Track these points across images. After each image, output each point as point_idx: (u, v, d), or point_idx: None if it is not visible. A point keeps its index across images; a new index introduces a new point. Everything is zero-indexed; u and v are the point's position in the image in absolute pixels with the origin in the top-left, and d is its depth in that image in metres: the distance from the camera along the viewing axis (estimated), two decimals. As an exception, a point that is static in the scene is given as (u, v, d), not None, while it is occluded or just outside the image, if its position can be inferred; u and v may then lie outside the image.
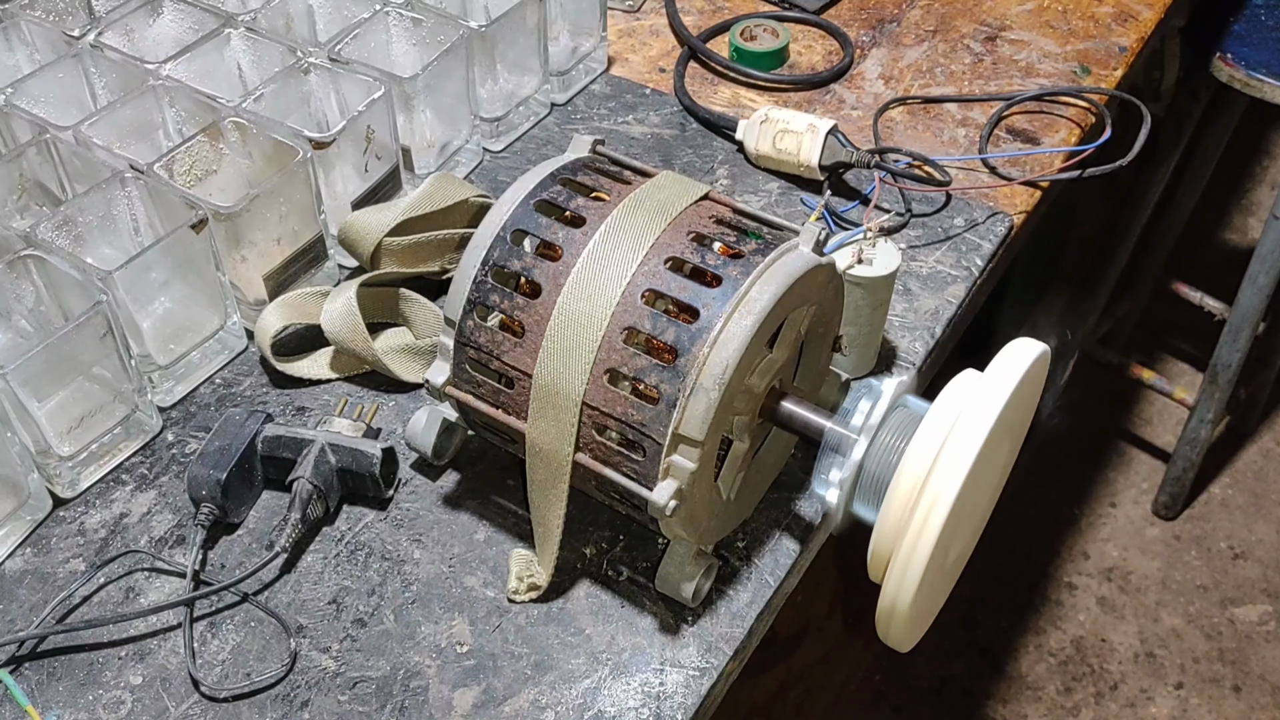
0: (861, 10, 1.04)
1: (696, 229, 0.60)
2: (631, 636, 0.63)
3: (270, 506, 0.69)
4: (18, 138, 0.77)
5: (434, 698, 0.61)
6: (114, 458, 0.71)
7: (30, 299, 0.70)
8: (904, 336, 0.77)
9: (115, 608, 0.64)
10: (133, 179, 0.72)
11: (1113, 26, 1.02)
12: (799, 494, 0.69)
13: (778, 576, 0.65)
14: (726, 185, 0.88)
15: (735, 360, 0.55)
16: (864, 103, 0.95)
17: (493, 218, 0.61)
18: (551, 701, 0.61)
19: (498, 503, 0.69)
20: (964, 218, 0.85)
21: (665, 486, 0.57)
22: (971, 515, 0.62)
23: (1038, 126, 0.93)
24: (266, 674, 0.61)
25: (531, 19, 0.86)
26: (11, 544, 0.67)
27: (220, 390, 0.75)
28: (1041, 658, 1.63)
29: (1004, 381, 0.55)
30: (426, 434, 0.68)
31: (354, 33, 0.81)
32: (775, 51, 0.97)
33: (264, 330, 0.73)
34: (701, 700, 0.61)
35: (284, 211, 0.74)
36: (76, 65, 0.80)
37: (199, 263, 0.71)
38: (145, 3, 0.83)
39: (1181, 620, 1.69)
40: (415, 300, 0.77)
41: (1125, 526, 1.79)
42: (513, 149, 0.91)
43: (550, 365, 0.58)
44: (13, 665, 0.62)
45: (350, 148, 0.78)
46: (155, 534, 0.67)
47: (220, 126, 0.75)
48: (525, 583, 0.64)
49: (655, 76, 0.98)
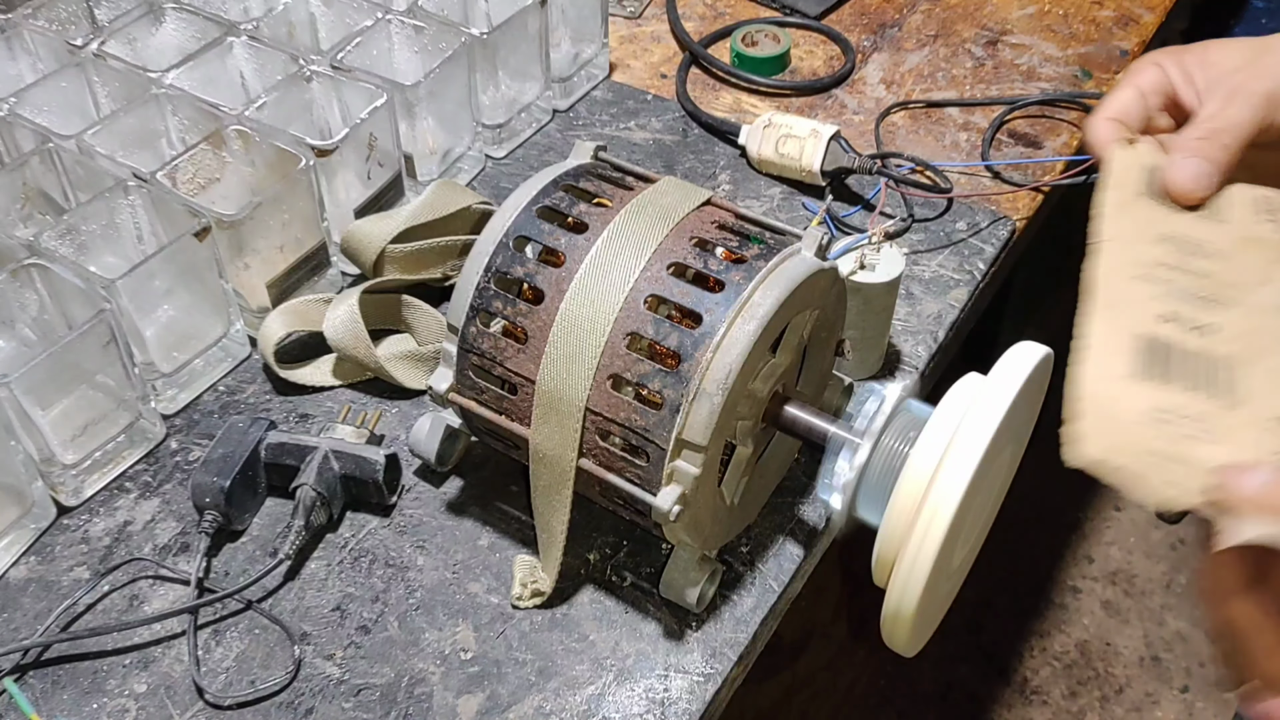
0: (863, 15, 1.04)
1: (699, 234, 0.60)
2: (636, 642, 0.63)
3: (274, 514, 0.69)
4: (21, 147, 0.77)
5: (438, 704, 0.61)
6: (118, 465, 0.71)
7: (34, 307, 0.70)
8: (907, 340, 0.77)
9: (119, 615, 0.64)
10: (136, 187, 0.72)
11: (1114, 30, 1.02)
12: (803, 499, 0.69)
13: (782, 581, 0.65)
14: (729, 190, 0.88)
15: (738, 365, 0.55)
16: (865, 108, 0.95)
17: (495, 224, 0.61)
18: (556, 708, 0.60)
19: (501, 509, 0.69)
20: (966, 222, 0.85)
21: (669, 492, 0.57)
22: (976, 519, 0.62)
23: (1040, 130, 0.93)
24: (271, 681, 0.61)
25: (533, 26, 0.86)
26: (16, 552, 0.67)
27: (223, 398, 0.75)
28: (1046, 662, 1.63)
29: (1008, 385, 0.55)
30: (430, 440, 0.68)
31: (356, 40, 0.81)
32: (777, 57, 0.97)
33: (267, 337, 0.73)
34: (706, 706, 0.61)
35: (287, 219, 0.74)
36: (79, 74, 0.80)
37: (202, 270, 0.72)
38: (148, 12, 0.84)
39: (1187, 623, 1.68)
40: (418, 307, 0.77)
41: (1129, 530, 1.79)
42: (515, 155, 0.91)
43: (553, 371, 0.58)
44: (17, 673, 0.62)
45: (353, 155, 0.78)
46: (159, 542, 0.67)
47: (223, 135, 0.75)
48: (529, 589, 0.64)
49: (657, 82, 0.98)
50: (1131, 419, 0.51)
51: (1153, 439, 0.51)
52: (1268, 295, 0.58)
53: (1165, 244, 0.60)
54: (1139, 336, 0.55)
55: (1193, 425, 0.52)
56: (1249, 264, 0.60)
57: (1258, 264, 0.60)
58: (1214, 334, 0.56)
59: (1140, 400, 0.52)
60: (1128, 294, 0.57)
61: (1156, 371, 0.54)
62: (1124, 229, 0.60)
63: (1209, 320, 0.56)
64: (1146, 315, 0.57)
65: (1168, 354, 0.55)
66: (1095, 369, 0.53)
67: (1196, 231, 0.61)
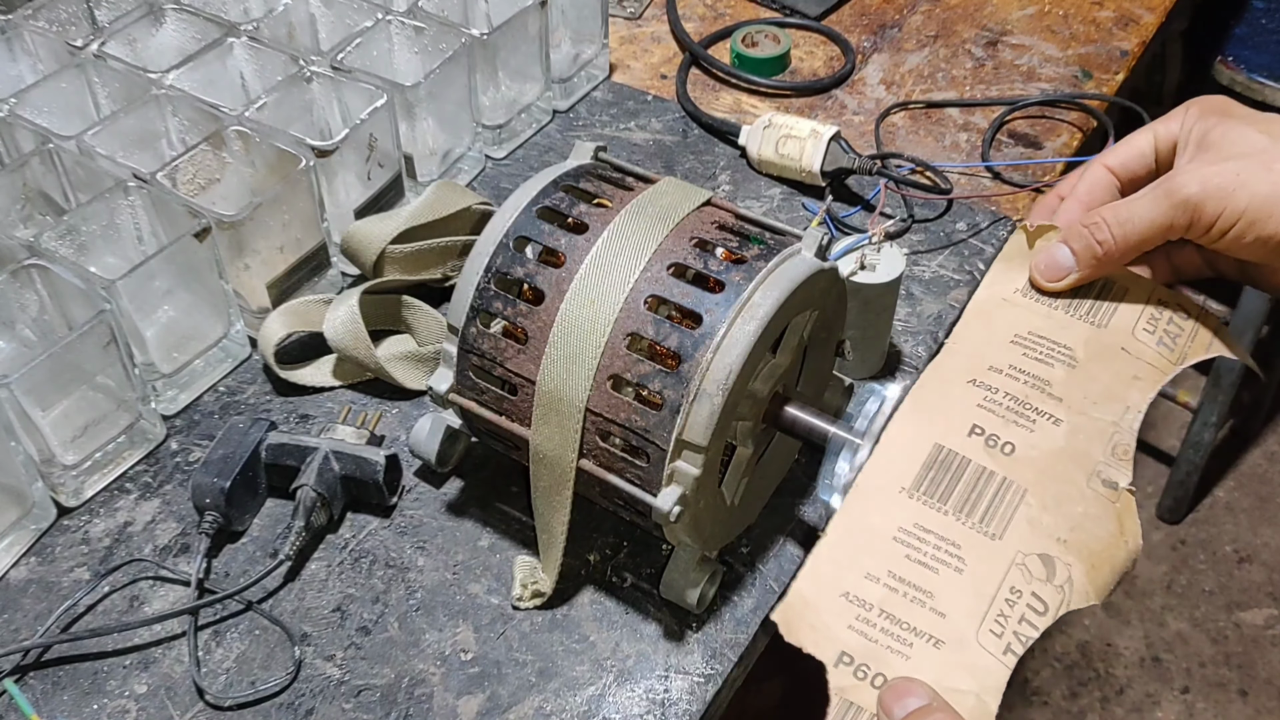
0: (863, 16, 1.04)
1: (699, 235, 0.60)
2: (636, 643, 0.63)
3: (274, 514, 0.69)
4: (21, 147, 0.77)
5: (438, 705, 0.61)
6: (118, 466, 0.71)
7: (34, 308, 0.70)
8: (907, 341, 0.77)
9: (119, 616, 0.64)
10: (136, 188, 0.72)
11: (1114, 31, 1.02)
12: (803, 499, 0.69)
13: (782, 582, 0.65)
14: (729, 191, 0.88)
15: (739, 365, 0.55)
16: (865, 108, 0.95)
17: (495, 225, 0.61)
18: (556, 709, 0.60)
19: (501, 509, 0.69)
20: (966, 222, 0.85)
21: (669, 492, 0.57)
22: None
23: (1040, 131, 0.93)
24: (271, 682, 0.61)
25: (533, 26, 0.86)
26: (16, 553, 0.67)
27: (224, 398, 0.75)
28: (1047, 663, 1.63)
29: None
30: (430, 441, 0.68)
31: (356, 41, 0.81)
32: (777, 58, 0.97)
33: (267, 338, 0.73)
34: (706, 707, 0.61)
35: (287, 220, 0.74)
36: (79, 75, 0.80)
37: (202, 271, 0.72)
38: (148, 13, 0.84)
39: (1187, 624, 1.68)
40: (418, 307, 0.77)
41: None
42: (515, 156, 0.91)
43: (553, 371, 0.58)
44: (17, 674, 0.62)
45: (353, 156, 0.78)
46: (159, 542, 0.67)
47: (223, 135, 0.75)
48: (529, 589, 0.64)
49: (657, 83, 0.98)
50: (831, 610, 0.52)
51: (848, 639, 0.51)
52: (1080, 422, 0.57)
53: (1013, 346, 0.60)
54: (934, 444, 0.55)
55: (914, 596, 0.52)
56: (1095, 377, 0.59)
57: (1106, 380, 0.59)
58: (994, 448, 0.56)
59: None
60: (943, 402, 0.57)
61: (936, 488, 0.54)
62: (974, 332, 0.60)
63: (1009, 438, 0.56)
64: (957, 419, 0.56)
65: (949, 468, 0.55)
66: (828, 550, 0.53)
67: (1055, 333, 0.60)
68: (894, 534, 0.53)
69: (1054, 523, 0.53)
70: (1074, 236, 0.61)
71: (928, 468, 0.55)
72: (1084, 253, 0.60)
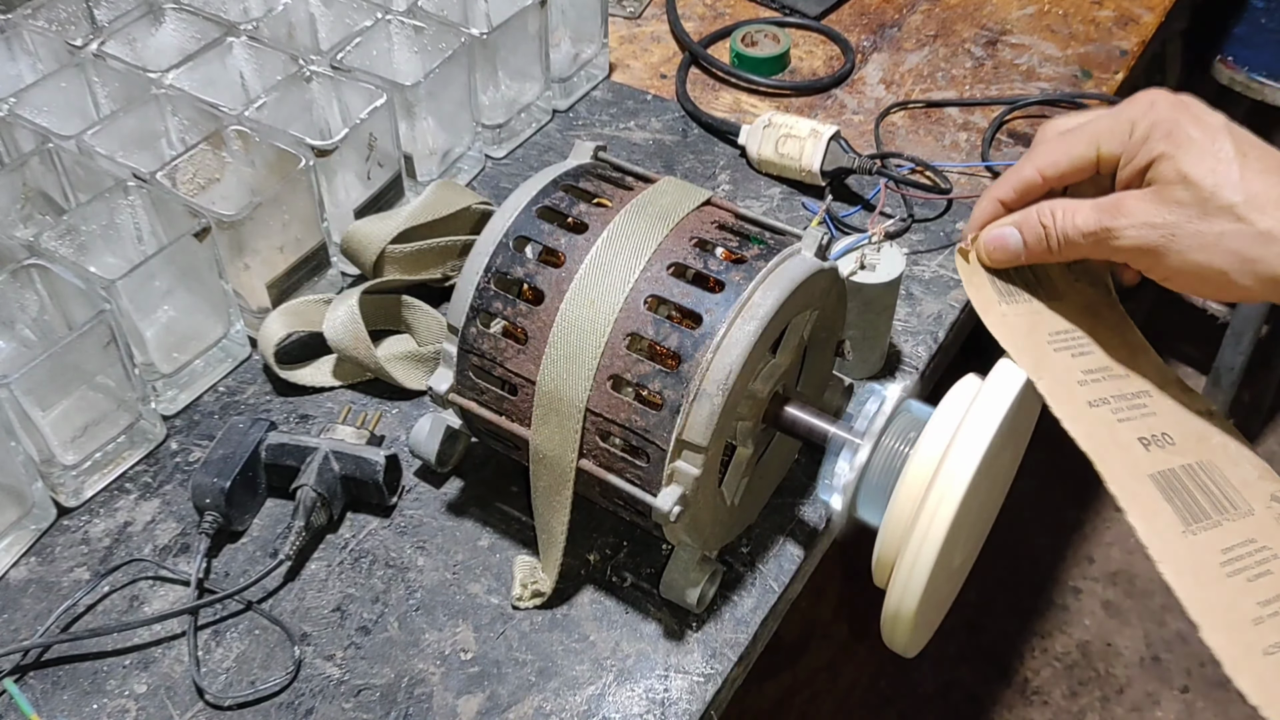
0: (862, 15, 1.04)
1: (699, 234, 0.60)
2: (636, 643, 0.63)
3: (274, 514, 0.69)
4: (21, 147, 0.77)
5: (438, 705, 0.61)
6: (118, 466, 0.71)
7: (34, 308, 0.70)
8: (907, 341, 0.77)
9: (119, 616, 0.64)
10: (135, 188, 0.72)
11: (1114, 30, 1.02)
12: (803, 499, 0.69)
13: (782, 582, 0.65)
14: (728, 190, 0.88)
15: (738, 365, 0.55)
16: (865, 108, 0.95)
17: (495, 224, 0.61)
18: (556, 708, 0.60)
19: (501, 509, 0.69)
20: (966, 222, 0.85)
21: (669, 492, 0.57)
22: (976, 519, 0.62)
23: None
24: (271, 682, 0.61)
25: (533, 26, 0.86)
26: (16, 553, 0.67)
27: (224, 398, 0.75)
28: (1047, 662, 1.63)
29: (1008, 386, 0.55)
30: (430, 441, 0.68)
31: (356, 41, 0.81)
32: (776, 57, 0.97)
33: (267, 338, 0.73)
34: (706, 706, 0.61)
35: (287, 219, 0.74)
36: (79, 75, 0.80)
37: (202, 271, 0.72)
38: (147, 12, 0.84)
39: (1187, 624, 1.68)
40: (418, 307, 0.77)
41: (1130, 530, 1.78)
42: (514, 156, 0.91)
43: (553, 371, 0.58)
44: (17, 674, 0.62)
45: (352, 155, 0.78)
46: (159, 542, 0.67)
47: (223, 135, 0.75)
48: (529, 589, 0.64)
49: (656, 82, 0.98)
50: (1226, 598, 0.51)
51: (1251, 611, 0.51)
52: (1159, 381, 0.57)
53: (1060, 354, 0.59)
54: (1151, 478, 0.55)
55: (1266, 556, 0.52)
56: (1116, 346, 0.59)
57: (1114, 339, 0.59)
58: (1169, 446, 0.56)
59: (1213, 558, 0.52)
60: (1095, 421, 0.56)
61: (1198, 514, 0.54)
62: (1028, 358, 0.59)
63: (1158, 430, 0.56)
64: (1132, 446, 0.56)
65: (1185, 489, 0.55)
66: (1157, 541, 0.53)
67: (1058, 322, 0.61)
68: (1220, 569, 0.52)
69: (1250, 469, 0.54)
70: (1025, 225, 0.61)
71: (1169, 500, 0.54)
72: (1034, 243, 0.61)
